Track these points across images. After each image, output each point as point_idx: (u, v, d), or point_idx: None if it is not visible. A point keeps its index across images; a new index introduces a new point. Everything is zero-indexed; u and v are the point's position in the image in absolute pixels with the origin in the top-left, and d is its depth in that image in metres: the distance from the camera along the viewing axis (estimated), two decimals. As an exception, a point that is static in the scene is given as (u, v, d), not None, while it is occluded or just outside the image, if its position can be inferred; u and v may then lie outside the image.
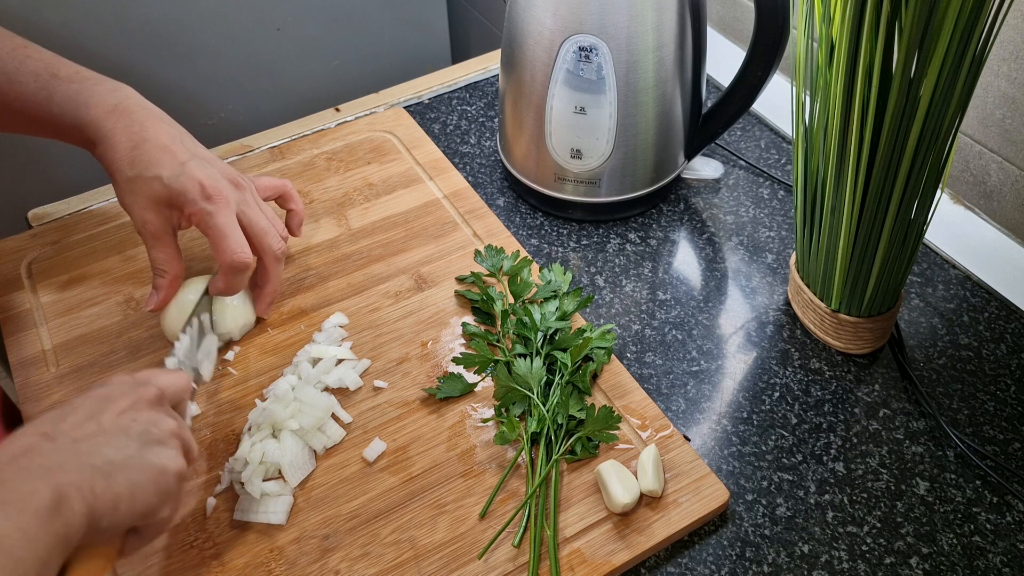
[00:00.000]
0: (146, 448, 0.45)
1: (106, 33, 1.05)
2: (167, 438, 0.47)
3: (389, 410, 0.63)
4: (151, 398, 0.48)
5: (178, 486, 0.47)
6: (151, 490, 0.44)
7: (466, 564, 0.54)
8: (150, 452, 0.45)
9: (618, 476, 0.56)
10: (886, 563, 0.55)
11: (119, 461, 0.43)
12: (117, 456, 0.44)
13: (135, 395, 0.48)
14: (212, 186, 0.61)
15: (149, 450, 0.45)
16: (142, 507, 0.44)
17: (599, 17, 0.67)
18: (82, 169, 1.14)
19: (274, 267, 0.66)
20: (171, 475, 0.46)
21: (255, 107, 1.22)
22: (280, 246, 0.65)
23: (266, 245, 0.64)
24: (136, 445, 0.45)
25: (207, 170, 0.62)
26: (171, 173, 0.61)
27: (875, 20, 0.50)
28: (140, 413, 0.47)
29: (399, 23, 1.28)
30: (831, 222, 0.60)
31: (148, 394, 0.48)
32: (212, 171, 0.63)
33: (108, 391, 0.48)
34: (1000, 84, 0.72)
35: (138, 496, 0.43)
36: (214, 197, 0.61)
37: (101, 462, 0.43)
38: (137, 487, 0.44)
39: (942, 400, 0.64)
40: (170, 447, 0.47)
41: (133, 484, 0.43)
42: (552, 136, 0.73)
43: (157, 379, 0.51)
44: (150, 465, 0.45)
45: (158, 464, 0.45)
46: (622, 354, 0.68)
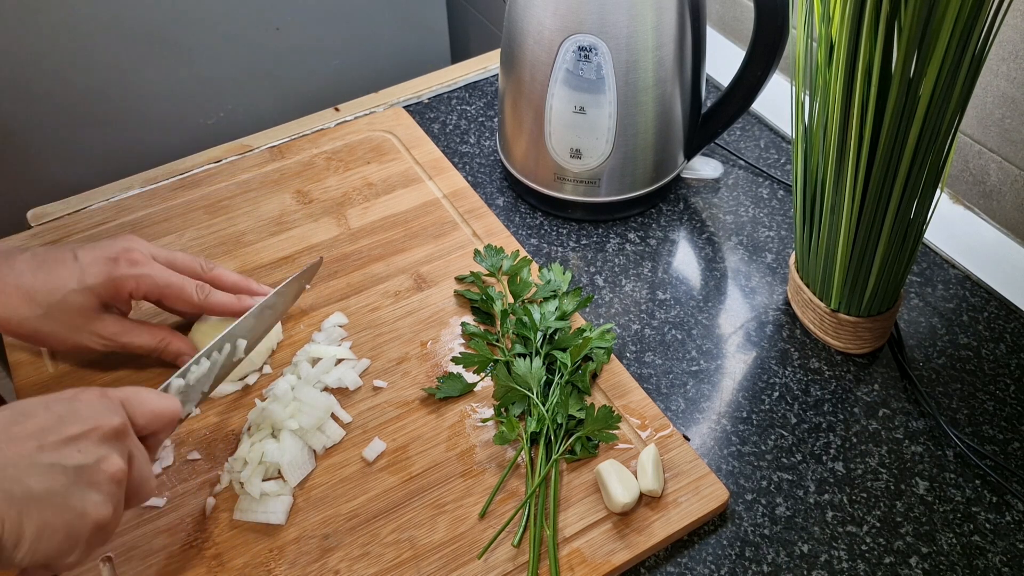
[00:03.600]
0: (74, 487, 0.41)
1: (106, 33, 1.05)
2: (104, 481, 0.43)
3: (389, 410, 0.63)
4: (109, 430, 0.44)
5: (94, 536, 0.43)
6: (61, 536, 0.41)
7: (466, 564, 0.54)
8: (76, 493, 0.41)
9: (618, 476, 0.56)
10: (886, 563, 0.55)
11: (39, 495, 0.40)
12: (39, 488, 0.40)
13: (94, 423, 0.44)
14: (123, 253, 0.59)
15: (76, 491, 0.42)
16: (45, 552, 0.40)
17: (599, 17, 0.67)
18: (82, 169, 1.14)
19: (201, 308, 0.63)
20: (89, 523, 0.42)
21: (255, 107, 1.22)
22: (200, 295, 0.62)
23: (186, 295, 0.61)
24: (65, 482, 0.41)
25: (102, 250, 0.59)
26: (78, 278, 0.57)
27: (874, 20, 0.50)
28: (89, 445, 0.43)
29: (399, 23, 1.28)
30: (831, 221, 0.60)
31: (108, 425, 0.44)
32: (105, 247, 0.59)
33: (69, 408, 0.44)
34: (999, 84, 0.72)
35: (44, 540, 0.40)
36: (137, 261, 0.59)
37: (21, 492, 0.40)
38: (47, 530, 0.40)
39: (942, 400, 0.64)
40: (101, 492, 0.43)
41: (44, 526, 0.40)
42: (552, 136, 0.73)
43: (136, 404, 0.47)
44: (70, 508, 0.41)
45: (79, 509, 0.41)
46: (622, 354, 0.68)
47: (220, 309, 0.63)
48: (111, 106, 1.11)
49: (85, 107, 1.10)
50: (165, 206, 0.79)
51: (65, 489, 0.41)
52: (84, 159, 1.14)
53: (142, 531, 0.56)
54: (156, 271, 0.60)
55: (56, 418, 0.43)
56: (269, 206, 0.79)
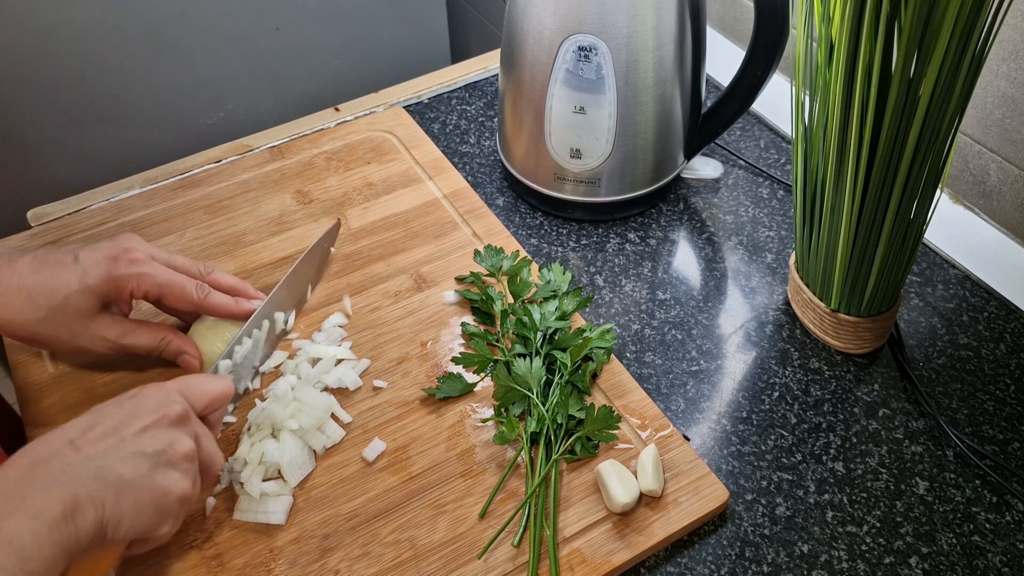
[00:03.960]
0: (157, 469, 0.47)
1: (106, 33, 1.05)
2: (179, 460, 0.49)
3: (389, 410, 0.63)
4: (174, 417, 0.50)
5: (180, 508, 0.49)
6: (152, 511, 0.47)
7: (466, 564, 0.54)
8: (160, 474, 0.47)
9: (618, 476, 0.56)
10: (886, 563, 0.55)
11: (130, 480, 0.46)
12: (129, 475, 0.46)
13: (160, 412, 0.49)
14: (124, 253, 0.59)
15: (159, 472, 0.47)
16: (143, 526, 0.46)
17: (599, 17, 0.67)
18: (82, 169, 1.14)
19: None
20: (174, 498, 0.48)
21: (255, 107, 1.22)
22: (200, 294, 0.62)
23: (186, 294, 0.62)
24: (148, 465, 0.47)
25: (102, 250, 0.59)
26: (79, 278, 0.58)
27: (874, 20, 0.50)
28: (160, 432, 0.48)
29: (399, 23, 1.28)
30: (830, 221, 0.60)
31: (173, 412, 0.50)
32: (105, 247, 0.60)
33: (136, 404, 0.49)
34: (999, 84, 0.72)
35: (140, 516, 0.46)
36: (138, 260, 0.59)
37: (115, 479, 0.45)
38: (141, 508, 0.46)
39: (941, 400, 0.64)
40: (179, 470, 0.49)
41: (138, 505, 0.46)
42: (552, 136, 0.73)
43: (192, 389, 0.52)
44: (156, 487, 0.47)
45: (163, 486, 0.47)
46: (622, 354, 0.68)
47: (218, 310, 0.63)
48: (111, 106, 1.11)
49: (85, 107, 1.10)
50: (165, 206, 0.79)
51: (149, 472, 0.47)
52: (84, 159, 1.14)
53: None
54: (156, 270, 0.60)
55: (127, 415, 0.48)
56: (269, 206, 0.79)
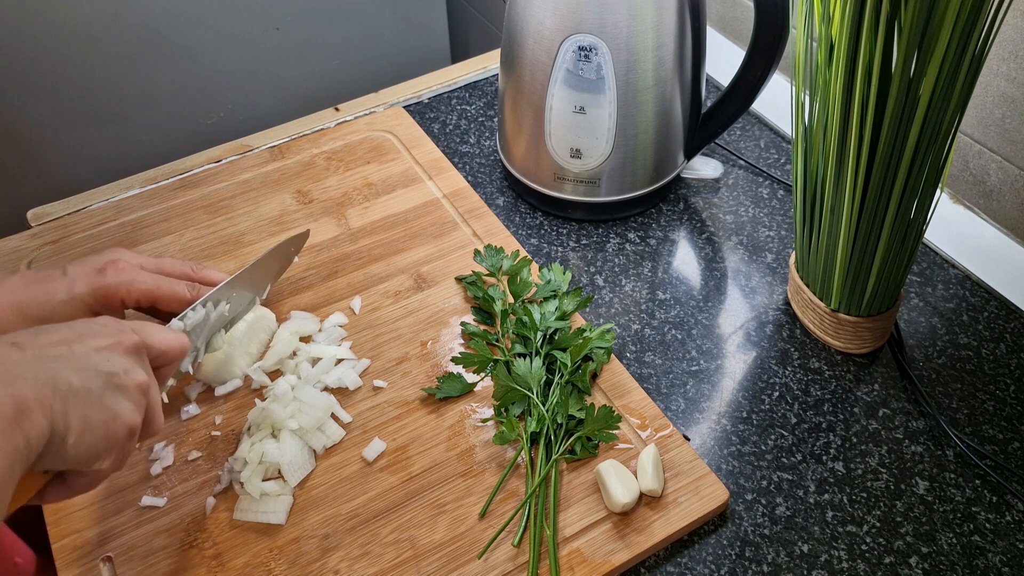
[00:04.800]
0: (108, 390, 0.43)
1: (106, 33, 1.05)
2: (131, 389, 0.45)
3: (389, 410, 0.63)
4: (129, 345, 0.46)
5: (126, 441, 0.44)
6: (99, 433, 0.42)
7: (466, 564, 0.54)
8: (110, 395, 0.43)
9: (618, 476, 0.56)
10: (886, 562, 0.55)
11: (79, 389, 0.42)
12: (79, 385, 0.42)
13: (116, 337, 0.46)
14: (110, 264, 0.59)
15: (110, 393, 0.43)
16: (87, 447, 0.42)
17: (599, 17, 0.67)
18: (82, 169, 1.14)
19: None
20: (123, 425, 0.44)
21: (255, 107, 1.22)
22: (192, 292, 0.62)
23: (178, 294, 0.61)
24: (100, 383, 0.43)
25: (89, 263, 0.59)
26: (67, 288, 0.58)
27: (874, 19, 0.50)
28: (114, 355, 0.45)
29: (399, 23, 1.28)
30: (830, 221, 0.60)
31: (128, 341, 0.46)
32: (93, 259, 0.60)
33: (89, 325, 0.46)
34: (999, 84, 0.72)
35: (87, 434, 0.42)
36: (124, 270, 0.59)
37: (64, 386, 0.41)
38: (89, 425, 0.42)
39: (942, 400, 0.64)
40: (130, 400, 0.45)
41: (86, 419, 0.42)
42: (552, 136, 0.73)
43: (148, 331, 0.49)
44: (107, 407, 0.43)
45: (114, 409, 0.43)
46: (622, 354, 0.68)
47: None
48: (111, 106, 1.11)
49: (85, 107, 1.10)
50: (165, 206, 0.79)
51: (100, 390, 0.43)
52: (84, 159, 1.14)
53: (142, 531, 0.56)
54: (143, 276, 0.60)
55: (78, 332, 0.45)
56: (269, 206, 0.79)
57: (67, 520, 0.57)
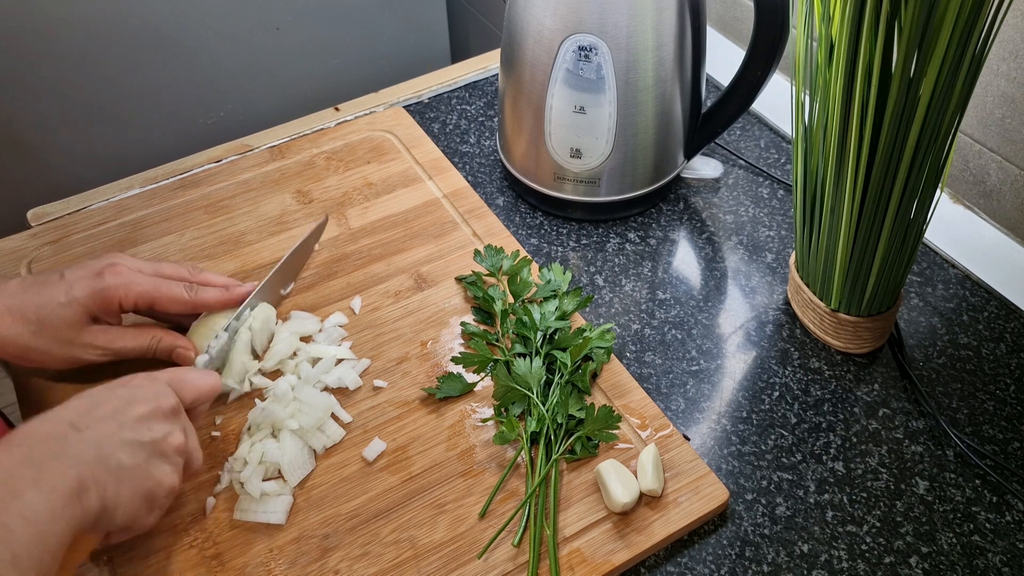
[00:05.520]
0: (152, 460, 0.48)
1: (106, 33, 1.05)
2: (171, 453, 0.50)
3: (389, 410, 0.63)
4: (168, 409, 0.50)
5: (166, 499, 0.50)
6: (144, 500, 0.48)
7: (466, 564, 0.54)
8: (154, 465, 0.48)
9: (618, 475, 0.56)
10: (886, 562, 0.55)
11: (128, 467, 0.47)
12: (128, 462, 0.47)
13: (155, 403, 0.50)
14: (108, 267, 0.60)
15: (154, 463, 0.48)
16: (133, 514, 0.47)
17: (599, 16, 0.67)
18: (82, 169, 1.14)
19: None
20: (164, 489, 0.49)
21: (255, 107, 1.22)
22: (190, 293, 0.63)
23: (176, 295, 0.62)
24: (144, 455, 0.48)
25: (87, 267, 0.60)
26: (64, 291, 0.58)
27: (874, 19, 0.50)
28: (155, 422, 0.49)
29: (399, 23, 1.28)
30: (830, 221, 0.60)
31: (166, 404, 0.50)
32: (91, 264, 0.61)
33: (131, 392, 0.50)
34: (1000, 84, 0.72)
35: (133, 505, 0.47)
36: (122, 273, 0.60)
37: (115, 464, 0.46)
38: (135, 496, 0.47)
39: (942, 399, 0.64)
40: (171, 463, 0.50)
41: (133, 492, 0.47)
42: (552, 135, 0.73)
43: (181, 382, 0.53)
44: (150, 477, 0.48)
45: (157, 477, 0.48)
46: (622, 354, 0.68)
47: (211, 303, 0.63)
48: (111, 106, 1.12)
49: (85, 107, 1.10)
50: (165, 206, 0.79)
51: (145, 461, 0.48)
52: (84, 159, 1.14)
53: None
54: (140, 279, 0.61)
55: (124, 401, 0.49)
56: (269, 206, 0.79)
57: (67, 520, 0.57)
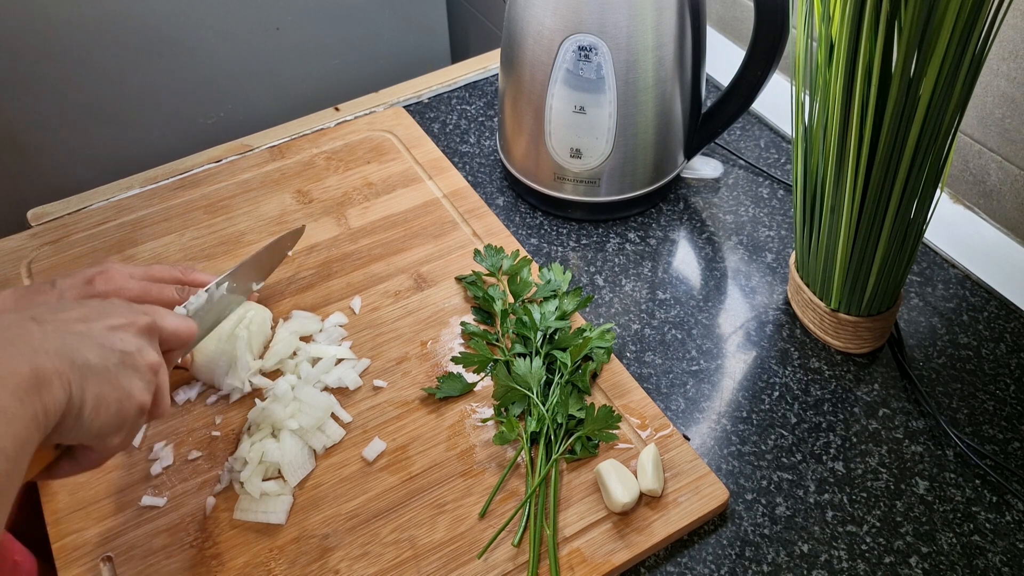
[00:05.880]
0: (122, 368, 0.45)
1: (106, 33, 1.05)
2: (144, 369, 0.46)
3: (389, 409, 0.63)
4: (142, 326, 0.47)
5: (136, 419, 0.46)
6: (113, 408, 0.43)
7: (466, 563, 0.54)
8: (124, 373, 0.45)
9: (618, 475, 0.56)
10: (886, 562, 0.55)
11: (95, 366, 0.43)
12: (95, 362, 0.43)
13: (130, 317, 0.47)
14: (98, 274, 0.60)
15: (124, 371, 0.45)
16: (100, 422, 0.43)
17: (599, 16, 0.67)
18: (82, 169, 1.14)
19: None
20: (135, 403, 0.45)
21: (255, 107, 1.22)
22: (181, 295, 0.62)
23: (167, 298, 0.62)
24: (114, 360, 0.44)
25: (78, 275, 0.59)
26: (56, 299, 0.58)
27: (874, 19, 0.50)
28: (128, 336, 0.46)
29: (399, 23, 1.28)
30: (831, 221, 0.60)
31: (141, 322, 0.48)
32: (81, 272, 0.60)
33: (104, 305, 0.47)
34: (999, 83, 0.72)
35: (101, 408, 0.43)
36: (113, 279, 0.60)
37: (81, 361, 0.42)
38: (103, 400, 0.43)
39: (942, 399, 0.64)
40: (143, 379, 0.46)
41: (100, 394, 0.43)
42: (551, 135, 0.73)
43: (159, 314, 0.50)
44: (120, 385, 0.44)
45: (127, 387, 0.44)
46: (622, 353, 0.68)
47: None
48: (111, 106, 1.12)
49: (85, 107, 1.10)
50: (165, 206, 0.79)
51: (115, 368, 0.44)
52: (84, 159, 1.14)
53: (142, 531, 0.56)
54: (131, 283, 0.61)
55: (95, 310, 0.46)
56: (269, 206, 0.79)
57: (67, 520, 0.57)
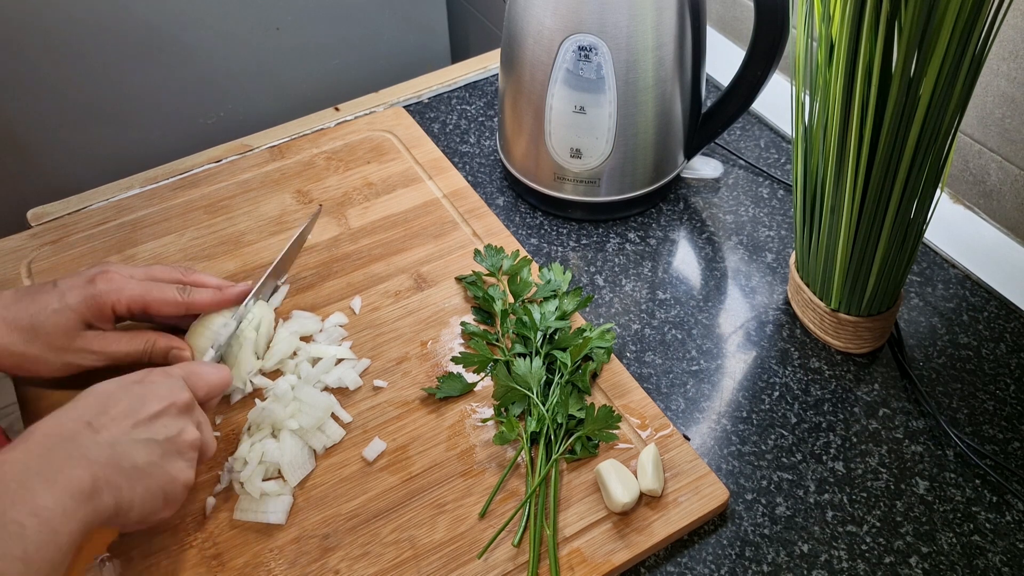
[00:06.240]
0: (167, 457, 0.49)
1: (106, 33, 1.05)
2: (186, 449, 0.50)
3: (389, 409, 0.63)
4: (182, 405, 0.51)
5: (182, 494, 0.50)
6: (160, 497, 0.48)
7: (466, 564, 0.54)
8: (169, 462, 0.49)
9: (618, 475, 0.56)
10: (886, 562, 0.55)
11: (143, 467, 0.47)
12: (142, 461, 0.47)
13: (169, 400, 0.51)
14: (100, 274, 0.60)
15: (169, 460, 0.49)
16: (149, 511, 0.48)
17: (599, 16, 0.67)
18: (82, 169, 1.14)
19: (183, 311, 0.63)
20: (180, 485, 0.50)
21: (255, 107, 1.22)
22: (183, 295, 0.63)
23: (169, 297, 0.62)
24: (159, 452, 0.48)
25: (80, 275, 0.60)
26: (57, 299, 0.58)
27: (875, 19, 0.50)
28: (170, 420, 0.50)
29: (399, 23, 1.28)
30: (831, 221, 0.61)
31: (181, 400, 0.51)
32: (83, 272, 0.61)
33: (146, 390, 0.50)
34: (1000, 83, 0.72)
35: (148, 502, 0.47)
36: (114, 279, 0.60)
37: (129, 465, 0.47)
38: (150, 493, 0.47)
39: (942, 399, 0.64)
40: (186, 459, 0.50)
41: (148, 491, 0.47)
42: (552, 135, 0.73)
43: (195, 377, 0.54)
44: (165, 474, 0.49)
45: (172, 474, 0.49)
46: (622, 353, 0.68)
47: (204, 305, 0.63)
48: (111, 106, 1.11)
49: (85, 107, 1.10)
50: (165, 206, 0.79)
51: (160, 459, 0.48)
52: (84, 159, 1.14)
53: (142, 531, 0.56)
54: (132, 284, 0.61)
55: (138, 399, 0.50)
56: (269, 206, 0.79)
57: (67, 520, 0.57)
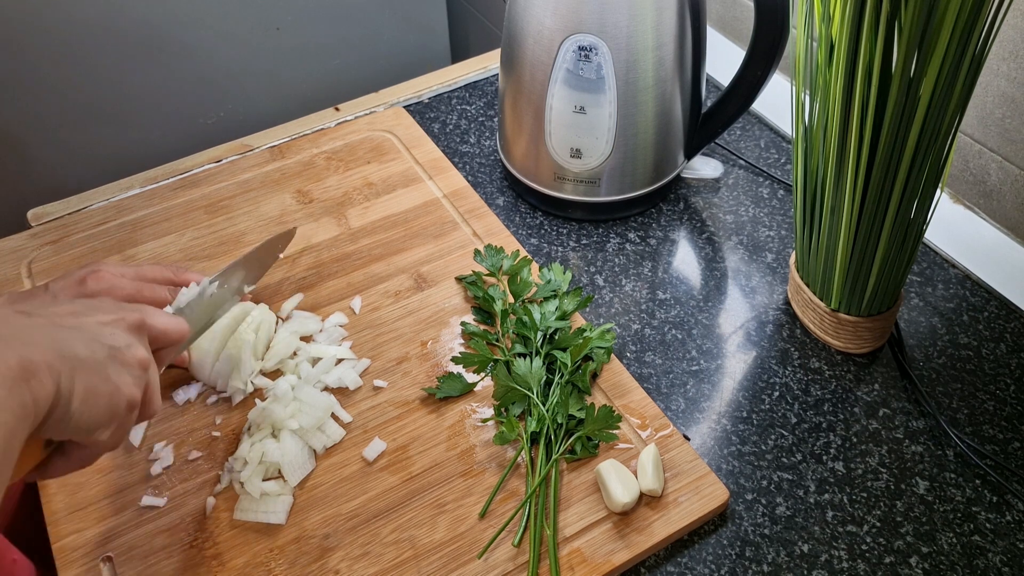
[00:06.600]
0: (111, 362, 0.44)
1: (106, 33, 1.05)
2: (133, 364, 0.45)
3: (389, 409, 0.63)
4: (132, 323, 0.47)
5: (126, 414, 0.45)
6: (102, 402, 0.43)
7: (466, 563, 0.54)
8: (113, 368, 0.44)
9: (618, 475, 0.56)
10: (886, 562, 0.55)
11: (84, 359, 0.42)
12: (84, 354, 0.42)
13: (119, 314, 0.47)
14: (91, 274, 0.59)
15: (113, 366, 0.44)
16: (89, 416, 0.42)
17: (599, 16, 0.67)
18: (82, 169, 1.14)
19: None
20: (124, 398, 0.44)
21: (255, 107, 1.22)
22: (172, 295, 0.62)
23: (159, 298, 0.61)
24: (104, 354, 0.44)
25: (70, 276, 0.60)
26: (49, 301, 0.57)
27: (875, 19, 0.50)
28: (118, 331, 0.46)
29: (399, 23, 1.28)
30: (831, 221, 0.61)
31: (131, 318, 0.47)
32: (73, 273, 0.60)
33: (94, 302, 0.48)
34: (1000, 84, 0.72)
35: (90, 402, 0.42)
36: (104, 279, 0.60)
37: (69, 353, 0.42)
38: (92, 392, 0.42)
39: (942, 399, 0.64)
40: (132, 374, 0.45)
41: (89, 387, 0.42)
42: (552, 135, 0.73)
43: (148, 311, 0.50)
44: (109, 379, 0.43)
45: (116, 381, 0.44)
46: (622, 353, 0.68)
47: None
48: (111, 106, 1.12)
49: (85, 107, 1.10)
50: (165, 206, 0.79)
51: (104, 361, 0.43)
52: (84, 159, 1.14)
53: (142, 531, 0.56)
54: (123, 283, 0.61)
55: (85, 306, 0.47)
56: (269, 206, 0.79)
57: (67, 520, 0.57)
